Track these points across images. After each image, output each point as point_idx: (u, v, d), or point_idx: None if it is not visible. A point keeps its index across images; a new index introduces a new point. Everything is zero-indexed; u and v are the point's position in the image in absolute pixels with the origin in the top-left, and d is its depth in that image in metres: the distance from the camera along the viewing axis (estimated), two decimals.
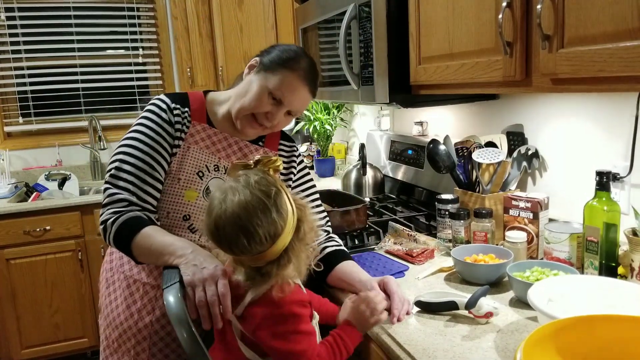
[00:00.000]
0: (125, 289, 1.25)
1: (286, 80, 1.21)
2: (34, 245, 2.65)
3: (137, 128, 1.21)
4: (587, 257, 1.19)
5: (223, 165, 1.26)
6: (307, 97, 1.26)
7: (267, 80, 1.21)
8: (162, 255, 1.09)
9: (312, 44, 2.13)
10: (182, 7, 3.22)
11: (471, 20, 1.23)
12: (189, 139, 1.24)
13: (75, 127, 3.28)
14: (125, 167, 1.17)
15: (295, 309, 0.97)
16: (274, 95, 1.21)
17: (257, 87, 1.22)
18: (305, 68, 1.23)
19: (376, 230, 1.73)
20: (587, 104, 1.40)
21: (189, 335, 0.93)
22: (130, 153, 1.18)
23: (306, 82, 1.23)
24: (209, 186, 1.23)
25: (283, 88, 1.20)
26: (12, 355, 2.69)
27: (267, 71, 1.22)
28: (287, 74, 1.21)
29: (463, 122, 1.96)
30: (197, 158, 1.24)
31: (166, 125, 1.22)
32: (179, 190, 1.21)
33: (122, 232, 1.13)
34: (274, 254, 0.93)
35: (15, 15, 3.07)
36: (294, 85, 1.21)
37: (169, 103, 1.24)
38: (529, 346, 0.75)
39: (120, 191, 1.16)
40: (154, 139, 1.20)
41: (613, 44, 0.86)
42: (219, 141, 1.28)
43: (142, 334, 1.21)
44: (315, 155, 3.08)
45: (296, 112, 1.27)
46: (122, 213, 1.14)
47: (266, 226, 0.91)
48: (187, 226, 1.22)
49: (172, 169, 1.21)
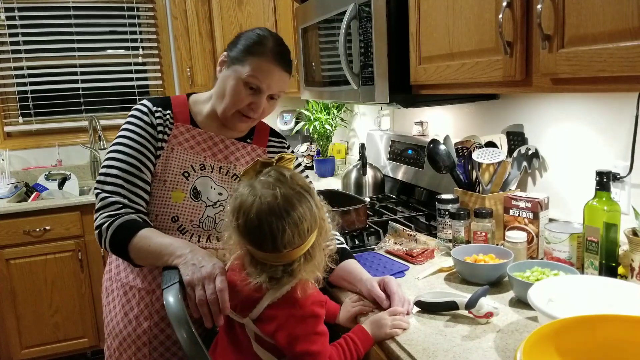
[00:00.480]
0: (123, 297, 1.25)
1: (257, 67, 1.19)
2: (34, 245, 2.65)
3: (122, 133, 1.23)
4: (587, 257, 1.19)
5: (209, 164, 1.26)
6: (283, 76, 1.24)
7: (239, 72, 1.20)
8: (160, 256, 1.09)
9: (312, 44, 2.13)
10: (182, 7, 3.22)
11: (471, 20, 1.23)
12: (172, 140, 1.24)
13: (75, 127, 3.28)
14: (113, 172, 1.18)
15: (317, 309, 0.97)
16: (251, 85, 1.20)
17: (233, 82, 1.21)
18: (272, 49, 1.22)
19: (376, 230, 1.72)
20: (587, 104, 1.40)
21: (188, 336, 0.93)
22: (116, 158, 1.19)
23: (277, 62, 1.22)
24: (196, 186, 1.23)
25: (257, 75, 1.19)
26: (12, 355, 2.69)
27: (236, 63, 1.21)
28: (256, 60, 1.19)
29: (463, 122, 1.96)
30: (182, 159, 1.24)
31: (149, 127, 1.23)
32: (165, 192, 1.21)
33: (118, 235, 1.13)
34: (305, 249, 0.94)
35: (15, 15, 3.07)
36: (266, 69, 1.20)
37: (150, 107, 1.25)
38: (529, 346, 0.75)
39: (110, 194, 1.17)
40: (138, 142, 1.21)
41: (613, 44, 0.86)
42: (203, 141, 1.28)
43: (142, 339, 1.22)
44: (315, 155, 3.08)
45: (277, 94, 1.26)
46: (117, 217, 1.14)
47: (309, 219, 0.92)
48: (177, 227, 1.21)
49: (157, 171, 1.22)
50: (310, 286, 0.98)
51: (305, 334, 0.96)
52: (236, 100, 1.22)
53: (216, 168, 1.26)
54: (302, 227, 0.91)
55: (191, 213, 1.21)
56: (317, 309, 0.98)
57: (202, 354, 0.93)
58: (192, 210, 1.21)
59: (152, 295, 1.22)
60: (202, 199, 1.23)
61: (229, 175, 1.27)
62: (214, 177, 1.25)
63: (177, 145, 1.24)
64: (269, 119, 1.44)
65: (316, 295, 0.99)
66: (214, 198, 1.24)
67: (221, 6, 3.01)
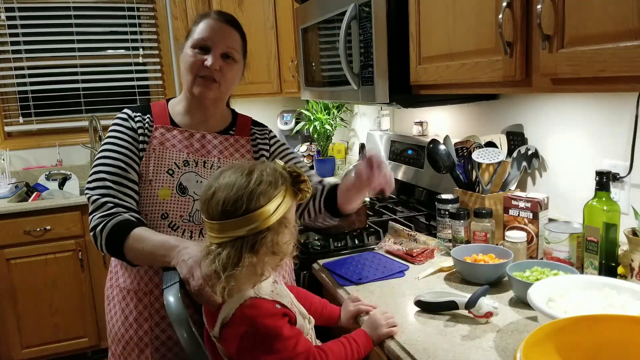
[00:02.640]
0: (122, 301, 1.26)
1: (202, 28, 1.26)
2: (34, 245, 2.65)
3: (106, 141, 1.28)
4: (587, 257, 1.19)
5: (192, 160, 1.28)
6: (231, 32, 1.29)
7: (190, 42, 1.27)
8: (154, 256, 1.11)
9: (312, 44, 2.13)
10: (182, 7, 3.22)
11: (471, 20, 1.23)
12: (153, 141, 1.27)
13: (75, 127, 3.28)
14: (100, 175, 1.21)
15: (271, 322, 0.94)
16: (200, 45, 1.25)
17: (187, 52, 1.27)
18: (216, 13, 1.30)
19: (376, 230, 1.73)
20: (587, 104, 1.40)
21: (189, 335, 0.93)
22: (101, 163, 1.23)
23: (222, 20, 1.28)
24: (182, 182, 1.25)
25: (203, 34, 1.26)
26: (12, 355, 2.70)
27: (188, 37, 1.29)
28: (200, 24, 1.27)
29: (463, 122, 1.96)
30: (165, 157, 1.26)
31: (129, 131, 1.27)
32: (152, 191, 1.23)
33: (113, 237, 1.14)
34: (265, 215, 0.92)
35: (16, 15, 3.07)
36: (209, 26, 1.26)
37: (129, 113, 1.30)
38: (529, 346, 0.76)
39: (100, 196, 1.19)
40: (121, 145, 1.25)
41: (613, 44, 0.86)
42: (185, 138, 1.30)
43: (144, 341, 1.22)
44: (315, 155, 3.08)
45: (230, 51, 1.27)
46: (110, 218, 1.15)
47: (265, 194, 0.92)
48: (168, 224, 1.23)
49: (142, 172, 1.25)
50: (261, 301, 0.96)
51: (271, 348, 0.93)
52: (192, 65, 1.25)
53: (200, 162, 1.28)
54: (255, 192, 0.91)
55: (180, 208, 1.23)
56: (273, 322, 0.94)
57: (202, 353, 0.93)
58: (181, 205, 1.23)
59: (150, 295, 1.23)
60: (190, 193, 1.25)
61: (214, 168, 1.29)
62: (199, 172, 1.27)
63: (159, 145, 1.27)
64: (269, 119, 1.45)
65: (269, 308, 0.96)
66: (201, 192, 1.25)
67: (221, 6, 3.00)
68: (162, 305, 1.19)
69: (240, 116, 1.42)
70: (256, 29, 2.94)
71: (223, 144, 1.33)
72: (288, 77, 2.87)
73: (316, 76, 2.14)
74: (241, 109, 1.46)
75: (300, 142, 3.38)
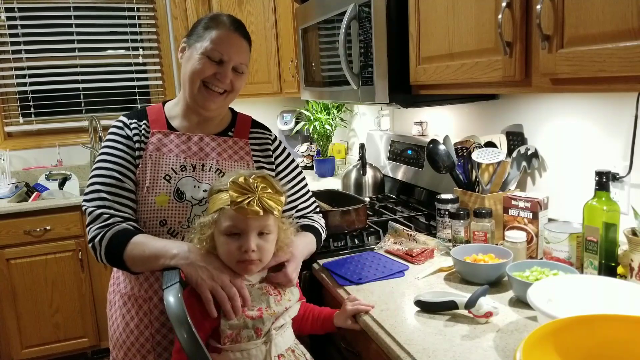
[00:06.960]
0: (122, 307, 1.26)
1: (217, 38, 1.23)
2: (35, 245, 2.65)
3: (102, 151, 1.27)
4: (586, 257, 1.19)
5: (190, 164, 1.27)
6: (243, 44, 1.27)
7: (200, 48, 1.23)
8: (157, 259, 1.10)
9: (312, 44, 2.13)
10: (182, 7, 3.22)
11: (471, 20, 1.23)
12: (149, 147, 1.26)
13: (75, 127, 3.28)
14: (95, 187, 1.21)
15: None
16: (213, 57, 1.23)
17: (197, 56, 1.23)
18: (227, 21, 1.26)
19: (376, 230, 1.73)
20: (587, 104, 1.40)
21: (189, 336, 0.93)
22: (97, 174, 1.23)
23: (235, 30, 1.26)
24: (179, 187, 1.24)
25: (217, 45, 1.22)
26: (12, 355, 2.70)
27: (197, 42, 1.25)
28: (214, 32, 1.23)
29: (463, 122, 1.96)
30: (162, 163, 1.25)
31: (125, 140, 1.26)
32: (149, 198, 1.22)
33: (112, 247, 1.14)
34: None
35: (16, 15, 3.07)
36: (225, 38, 1.23)
37: (125, 121, 1.29)
38: (529, 346, 0.76)
39: (96, 208, 1.19)
40: (116, 155, 1.24)
41: (613, 44, 0.86)
42: (182, 142, 1.29)
43: (146, 347, 1.22)
44: (315, 155, 3.08)
45: (240, 65, 1.27)
46: (108, 228, 1.16)
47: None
48: (166, 231, 1.22)
49: (139, 179, 1.23)
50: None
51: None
52: (200, 70, 1.23)
53: (198, 166, 1.27)
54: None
55: (178, 214, 1.22)
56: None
57: (202, 353, 0.93)
58: (179, 211, 1.22)
59: (150, 302, 1.23)
60: (187, 198, 1.24)
61: (212, 171, 1.27)
62: (197, 176, 1.26)
63: (155, 151, 1.26)
64: (269, 119, 1.44)
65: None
66: (199, 196, 1.24)
67: (221, 6, 3.01)
68: (162, 312, 1.20)
69: (240, 116, 1.41)
70: (256, 29, 2.94)
71: (221, 145, 1.31)
72: (288, 77, 2.87)
73: (316, 76, 2.14)
74: (241, 109, 1.46)
75: (300, 142, 3.39)
